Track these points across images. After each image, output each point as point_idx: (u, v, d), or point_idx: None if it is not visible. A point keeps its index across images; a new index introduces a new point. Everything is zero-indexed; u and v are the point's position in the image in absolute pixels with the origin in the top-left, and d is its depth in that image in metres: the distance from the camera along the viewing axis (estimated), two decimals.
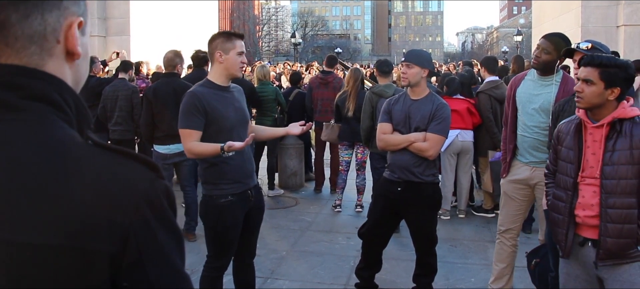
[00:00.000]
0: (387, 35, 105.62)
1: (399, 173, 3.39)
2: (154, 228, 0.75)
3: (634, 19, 8.62)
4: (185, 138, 2.80)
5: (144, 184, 0.76)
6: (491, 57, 6.58)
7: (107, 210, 0.72)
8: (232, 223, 2.91)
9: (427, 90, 3.44)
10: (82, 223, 0.70)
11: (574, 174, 2.38)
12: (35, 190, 0.71)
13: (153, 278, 0.75)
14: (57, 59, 0.81)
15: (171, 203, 0.79)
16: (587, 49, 2.72)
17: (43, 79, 0.78)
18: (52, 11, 0.79)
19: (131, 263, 0.73)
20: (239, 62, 2.84)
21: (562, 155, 2.47)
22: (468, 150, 5.71)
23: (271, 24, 76.42)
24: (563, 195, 2.43)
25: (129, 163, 0.78)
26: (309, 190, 7.15)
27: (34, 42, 0.78)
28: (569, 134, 2.44)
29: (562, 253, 2.48)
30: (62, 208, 0.70)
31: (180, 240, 0.81)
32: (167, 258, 0.78)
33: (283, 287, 4.04)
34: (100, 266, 0.71)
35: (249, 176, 2.95)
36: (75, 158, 0.75)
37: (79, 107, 0.83)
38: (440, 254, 4.32)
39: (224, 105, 2.82)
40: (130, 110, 5.94)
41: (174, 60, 4.99)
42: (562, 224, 2.43)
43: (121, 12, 9.69)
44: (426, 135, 3.32)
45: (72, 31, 0.81)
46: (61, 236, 0.69)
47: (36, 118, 0.76)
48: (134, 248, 0.73)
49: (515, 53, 22.40)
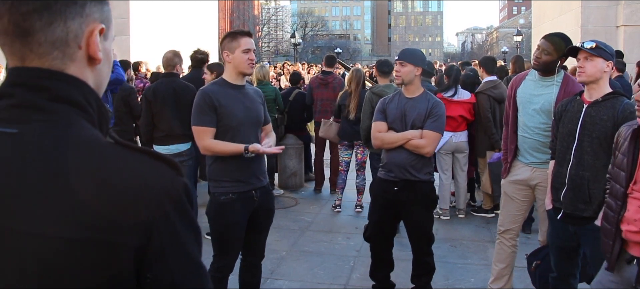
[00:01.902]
0: (386, 35, 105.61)
1: (396, 171, 3.39)
2: (175, 223, 0.80)
3: (634, 19, 8.63)
4: (200, 136, 2.86)
5: (166, 181, 0.81)
6: (489, 57, 6.59)
7: (132, 205, 0.77)
8: (232, 221, 2.91)
9: (421, 88, 3.46)
10: (109, 218, 0.75)
11: (625, 183, 2.22)
12: (65, 187, 0.75)
13: (174, 269, 0.81)
14: (79, 63, 0.85)
15: (190, 199, 0.83)
16: (591, 48, 2.71)
17: (67, 82, 0.83)
18: (75, 18, 0.82)
19: (154, 255, 0.78)
20: (245, 59, 2.87)
21: (617, 161, 2.31)
22: (462, 150, 5.73)
23: (271, 24, 76.36)
24: (613, 205, 2.28)
25: (151, 161, 0.82)
26: (309, 190, 7.15)
27: (57, 48, 0.82)
28: (626, 140, 2.27)
29: (608, 265, 2.31)
30: (90, 204, 0.75)
31: (198, 233, 0.86)
32: (187, 250, 0.83)
33: (283, 287, 4.04)
34: (126, 258, 0.76)
35: (254, 177, 2.95)
36: (101, 157, 0.79)
37: (101, 107, 0.88)
38: (440, 254, 4.33)
39: (233, 103, 2.84)
40: (127, 110, 5.93)
41: (173, 60, 4.98)
42: (610, 235, 2.27)
43: (121, 12, 9.68)
44: (423, 132, 3.34)
45: (93, 38, 0.85)
46: (89, 230, 0.74)
47: (62, 119, 0.80)
48: (157, 241, 0.78)
49: (515, 53, 22.38)
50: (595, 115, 2.72)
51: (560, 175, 2.87)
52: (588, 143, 2.74)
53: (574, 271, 3.03)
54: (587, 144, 2.74)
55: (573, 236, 2.88)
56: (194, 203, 0.87)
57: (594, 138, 2.72)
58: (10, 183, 0.76)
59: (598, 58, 2.70)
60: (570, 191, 2.81)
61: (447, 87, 5.72)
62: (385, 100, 3.53)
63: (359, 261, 4.54)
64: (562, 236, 2.94)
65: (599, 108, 2.72)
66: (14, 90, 0.80)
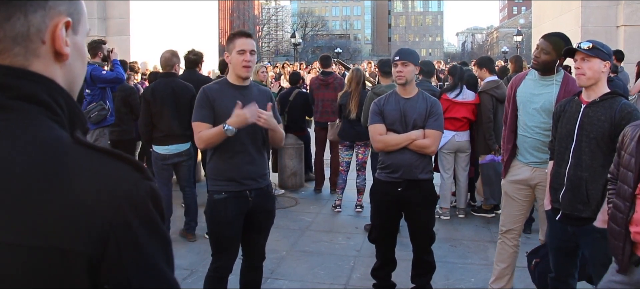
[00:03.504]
0: (387, 35, 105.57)
1: (400, 172, 3.39)
2: (136, 230, 0.74)
3: (634, 19, 8.61)
4: (195, 130, 2.92)
5: (127, 185, 0.75)
6: (487, 57, 6.60)
7: (87, 210, 0.71)
8: (224, 219, 2.92)
9: (416, 88, 3.49)
10: (60, 223, 0.70)
11: (633, 184, 2.19)
12: (18, 190, 0.70)
13: (134, 281, 0.74)
14: (44, 59, 0.80)
15: (157, 205, 0.77)
16: (588, 49, 2.71)
17: (31, 79, 0.78)
18: (36, 12, 0.78)
19: (111, 265, 0.72)
20: (240, 61, 2.87)
21: (624, 161, 2.27)
22: (465, 149, 5.73)
23: (271, 24, 76.37)
24: (621, 206, 2.24)
25: (114, 163, 0.76)
26: (309, 190, 7.15)
27: (18, 44, 0.77)
28: (633, 140, 2.23)
29: (619, 267, 2.27)
30: (43, 208, 0.70)
31: (166, 242, 0.79)
32: (150, 261, 0.76)
33: (283, 287, 4.04)
34: (79, 268, 0.70)
35: (249, 178, 2.94)
36: (59, 159, 0.73)
37: (72, 107, 0.82)
38: (440, 254, 4.33)
39: (229, 103, 2.84)
40: (128, 110, 5.93)
41: (171, 60, 4.98)
42: (619, 237, 2.23)
43: (121, 12, 9.67)
44: (426, 132, 3.36)
45: (57, 32, 0.80)
46: (40, 237, 0.69)
47: (24, 118, 0.75)
48: (114, 250, 0.72)
49: (515, 53, 22.40)
50: (593, 116, 2.72)
51: (559, 176, 2.87)
52: (586, 143, 2.73)
53: (573, 271, 3.03)
54: (585, 144, 2.73)
55: (572, 237, 2.88)
56: (169, 209, 0.80)
57: (591, 138, 2.71)
58: None
59: (595, 58, 2.70)
60: (568, 191, 2.81)
61: (452, 87, 5.71)
62: (380, 101, 3.51)
63: (359, 261, 4.54)
64: (560, 237, 2.94)
65: (597, 109, 2.72)
66: None
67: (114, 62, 5.52)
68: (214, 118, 2.87)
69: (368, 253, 4.43)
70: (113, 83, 5.49)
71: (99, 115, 5.30)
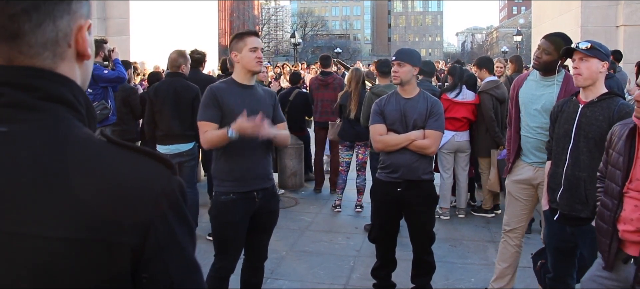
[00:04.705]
0: (386, 35, 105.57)
1: (400, 172, 3.39)
2: (172, 222, 0.80)
3: (634, 19, 8.62)
4: (201, 130, 2.89)
5: (162, 180, 0.80)
6: (487, 57, 6.61)
7: (129, 205, 0.76)
8: (232, 220, 2.91)
9: (417, 88, 3.47)
10: (107, 217, 0.74)
11: (621, 182, 2.21)
12: (62, 187, 0.74)
13: (171, 268, 0.80)
14: (69, 62, 0.84)
15: (185, 198, 0.83)
16: (586, 49, 2.71)
17: (58, 81, 0.82)
18: (63, 17, 0.81)
19: (151, 255, 0.78)
20: (253, 58, 2.89)
21: (612, 159, 2.29)
22: (464, 149, 5.73)
23: (271, 24, 76.30)
24: (609, 203, 2.27)
25: (147, 160, 0.81)
26: (309, 190, 7.15)
27: (47, 49, 0.81)
28: (621, 139, 2.25)
29: (605, 264, 2.29)
30: (88, 203, 0.74)
31: (193, 231, 0.86)
32: (183, 249, 0.82)
33: (283, 287, 4.04)
34: (123, 258, 0.76)
35: (257, 178, 2.94)
36: (97, 156, 0.78)
37: (88, 105, 0.86)
38: (440, 254, 4.33)
39: (237, 102, 2.85)
40: (128, 110, 5.93)
41: (177, 61, 5.01)
42: (607, 234, 2.25)
43: (121, 12, 9.68)
44: (426, 132, 3.35)
45: (82, 34, 0.84)
46: (87, 230, 0.73)
47: (53, 118, 0.79)
48: (153, 240, 0.77)
49: (515, 53, 22.38)
50: (590, 116, 2.72)
51: (557, 176, 2.86)
52: (584, 143, 2.73)
53: (571, 271, 3.03)
54: (583, 145, 2.74)
55: (570, 237, 2.88)
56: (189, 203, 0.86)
57: (589, 138, 2.72)
58: (1, 183, 0.74)
59: (593, 58, 2.70)
60: (566, 191, 2.80)
61: (452, 87, 5.72)
62: (381, 101, 3.52)
63: (359, 261, 4.55)
64: (559, 237, 2.94)
65: (595, 109, 2.72)
66: (2, 89, 0.78)
67: (116, 61, 5.52)
68: (221, 117, 2.86)
69: (368, 253, 4.43)
70: (115, 82, 5.50)
71: (101, 114, 5.31)
